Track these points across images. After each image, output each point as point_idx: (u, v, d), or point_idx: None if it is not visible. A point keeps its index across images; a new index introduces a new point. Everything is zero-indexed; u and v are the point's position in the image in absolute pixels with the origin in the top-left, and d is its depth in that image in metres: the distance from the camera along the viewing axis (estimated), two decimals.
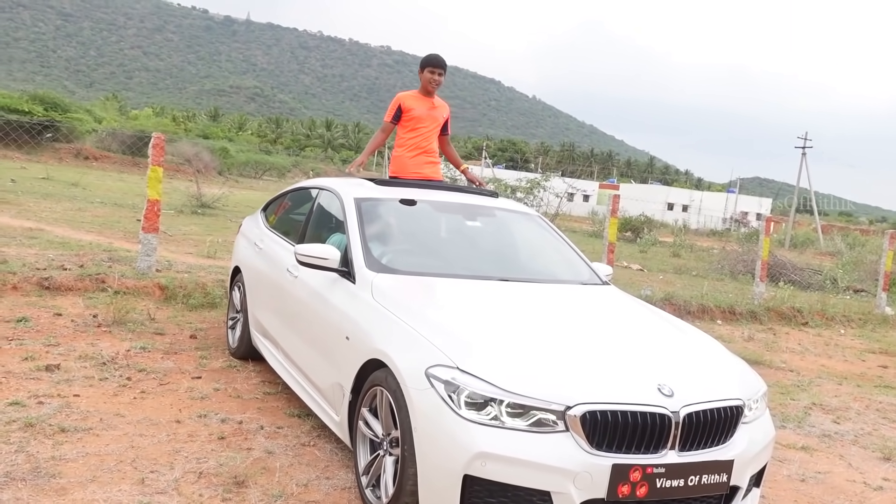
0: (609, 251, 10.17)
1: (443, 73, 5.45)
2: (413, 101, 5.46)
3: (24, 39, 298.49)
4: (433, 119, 5.47)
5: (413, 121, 5.39)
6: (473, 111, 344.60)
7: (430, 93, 5.47)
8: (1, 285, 6.72)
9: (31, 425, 3.75)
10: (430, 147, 5.43)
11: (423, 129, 5.39)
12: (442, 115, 5.56)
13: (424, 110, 5.44)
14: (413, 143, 5.39)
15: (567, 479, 2.74)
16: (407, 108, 5.40)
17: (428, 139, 5.42)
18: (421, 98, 5.48)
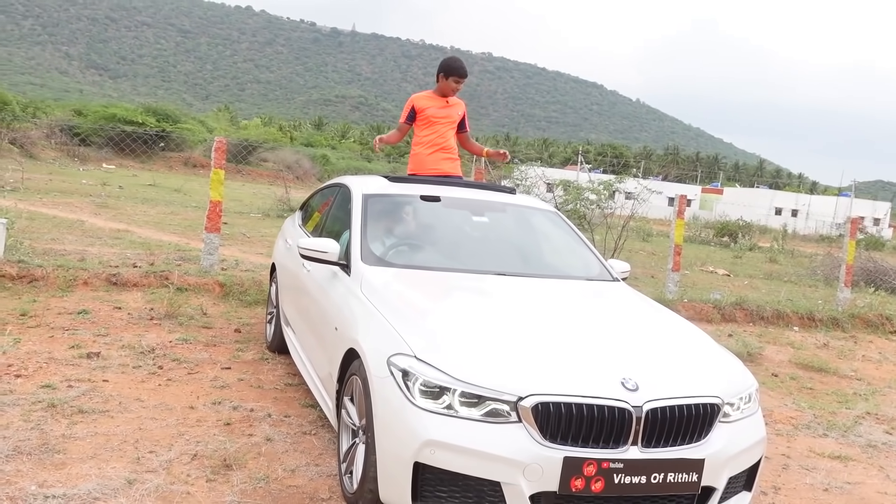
0: (675, 253, 9.89)
1: (464, 81, 5.47)
2: (426, 100, 5.51)
3: (148, 56, 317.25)
4: (448, 116, 5.50)
5: (427, 119, 5.43)
6: (575, 116, 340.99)
7: (445, 95, 5.51)
8: (73, 281, 7.18)
9: (53, 406, 4.02)
10: (447, 144, 5.46)
11: (438, 127, 5.42)
12: (457, 112, 5.57)
13: (437, 108, 5.47)
14: (429, 140, 5.44)
15: (517, 471, 2.71)
16: (420, 108, 5.46)
17: (444, 136, 5.45)
18: (434, 97, 5.51)
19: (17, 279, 7.00)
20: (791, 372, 6.98)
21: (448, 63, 5.48)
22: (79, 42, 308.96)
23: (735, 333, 8.53)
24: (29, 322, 5.82)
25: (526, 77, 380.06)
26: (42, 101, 57.53)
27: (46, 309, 6.27)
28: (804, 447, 4.77)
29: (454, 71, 5.40)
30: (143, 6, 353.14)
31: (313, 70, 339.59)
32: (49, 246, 9.29)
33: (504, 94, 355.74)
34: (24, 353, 4.95)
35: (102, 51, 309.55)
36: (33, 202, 14.96)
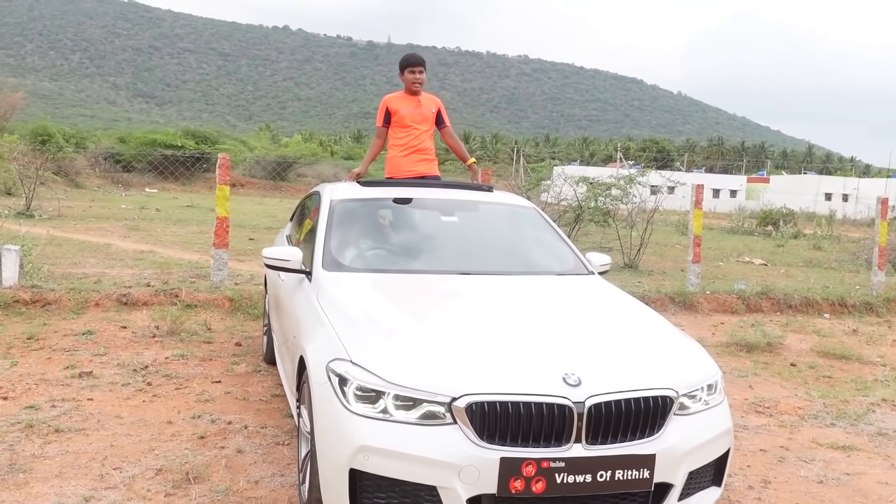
0: (695, 245, 9.64)
1: (423, 69, 5.43)
2: (398, 101, 5.48)
3: (191, 80, 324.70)
4: (422, 116, 5.46)
5: (401, 121, 5.41)
6: (616, 113, 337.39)
7: (414, 92, 5.47)
8: (84, 303, 7.30)
9: (30, 426, 4.06)
10: (422, 145, 5.41)
11: (412, 129, 5.38)
12: (430, 110, 5.52)
13: (411, 109, 5.45)
14: (404, 142, 5.39)
15: (452, 474, 2.62)
16: (394, 109, 5.44)
17: (419, 138, 5.40)
18: (406, 98, 5.49)
19: (30, 304, 7.15)
20: (811, 361, 6.71)
21: (403, 58, 5.49)
22: (125, 72, 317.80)
23: (759, 323, 8.25)
24: (33, 345, 5.91)
25: (564, 77, 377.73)
26: (88, 130, 59.27)
27: (54, 331, 6.38)
28: (807, 438, 4.55)
29: (406, 61, 5.43)
30: (185, 33, 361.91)
31: (352, 84, 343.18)
32: (69, 270, 9.48)
33: (542, 96, 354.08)
34: (17, 375, 5.02)
35: (148, 79, 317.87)
36: (67, 228, 15.34)
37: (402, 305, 3.55)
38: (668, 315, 8.61)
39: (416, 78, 5.42)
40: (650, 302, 8.86)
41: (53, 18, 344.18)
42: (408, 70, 5.42)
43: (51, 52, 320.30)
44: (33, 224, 16.01)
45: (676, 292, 9.13)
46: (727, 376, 5.99)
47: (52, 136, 37.75)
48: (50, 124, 39.63)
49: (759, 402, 5.23)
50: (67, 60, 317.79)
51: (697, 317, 8.68)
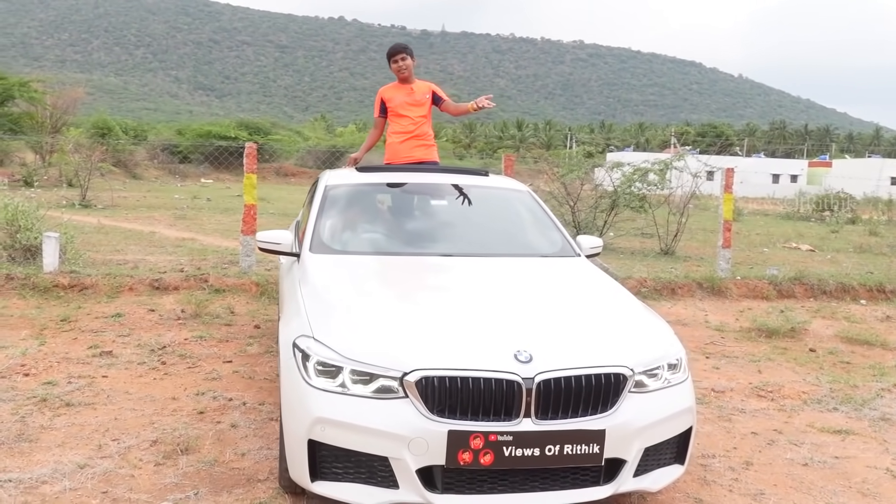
0: (725, 230, 9.50)
1: (406, 56, 5.52)
2: (391, 91, 5.63)
3: (249, 73, 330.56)
4: (416, 103, 5.56)
5: (396, 107, 5.55)
6: (673, 97, 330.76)
7: (405, 80, 5.58)
8: (119, 288, 7.62)
9: (44, 400, 4.31)
10: (419, 131, 5.51)
11: (408, 115, 5.49)
12: (425, 95, 5.61)
13: (403, 97, 5.58)
14: (401, 129, 5.51)
15: (402, 445, 2.72)
16: (387, 99, 5.60)
17: (416, 123, 5.49)
18: (398, 87, 5.63)
19: (68, 288, 7.50)
20: (832, 346, 6.59)
21: (387, 50, 5.60)
22: (186, 66, 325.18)
23: (788, 309, 8.13)
24: (65, 327, 6.22)
25: (620, 62, 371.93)
26: (148, 123, 61.12)
27: (87, 314, 6.69)
28: (804, 422, 4.51)
29: (388, 53, 5.63)
30: (243, 26, 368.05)
31: None
32: (111, 256, 9.89)
33: (598, 81, 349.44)
34: (43, 353, 5.32)
35: (208, 72, 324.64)
36: (117, 218, 15.93)
37: (373, 285, 3.67)
38: (694, 301, 8.55)
39: (399, 66, 5.53)
40: (677, 288, 8.81)
41: (118, 15, 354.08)
42: (391, 61, 5.57)
43: (116, 48, 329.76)
44: (87, 214, 16.68)
45: (705, 278, 9.02)
46: (738, 361, 5.96)
47: (112, 129, 39.09)
48: (109, 118, 41.05)
49: (762, 387, 5.18)
50: (132, 56, 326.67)
51: (725, 302, 8.57)
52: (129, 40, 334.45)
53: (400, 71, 5.54)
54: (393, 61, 5.54)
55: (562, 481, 2.85)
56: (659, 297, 8.60)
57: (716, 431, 4.29)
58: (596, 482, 2.87)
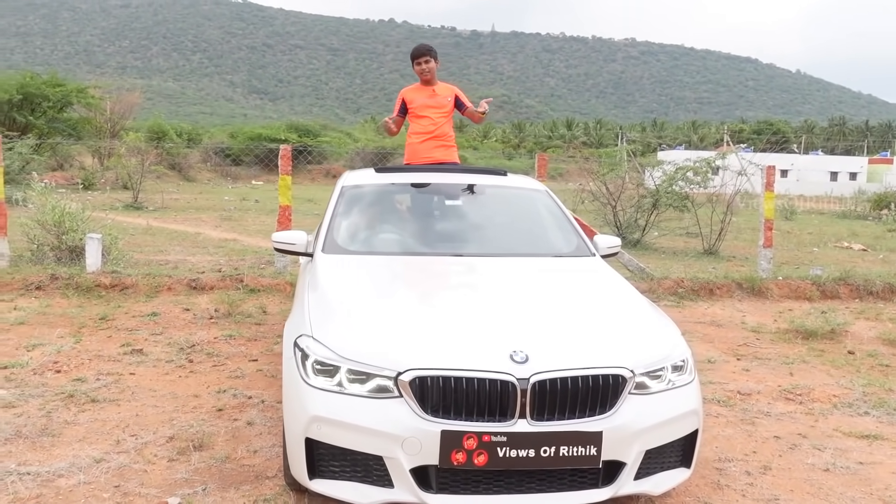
0: (766, 229, 9.28)
1: (429, 59, 5.53)
2: (413, 93, 5.66)
3: (302, 76, 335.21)
4: (438, 104, 5.59)
5: (417, 109, 5.61)
6: (728, 94, 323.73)
7: (427, 82, 5.61)
8: (158, 288, 7.82)
9: (71, 396, 4.45)
10: (439, 132, 5.53)
11: (428, 116, 5.52)
12: (447, 97, 5.64)
13: (425, 98, 5.63)
14: (420, 129, 5.55)
15: (396, 445, 2.73)
16: (409, 100, 5.63)
17: (436, 123, 5.51)
18: (421, 89, 5.66)
19: (109, 288, 7.72)
20: (873, 349, 6.38)
21: (410, 53, 5.61)
22: (241, 70, 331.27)
23: (831, 310, 7.88)
24: (102, 325, 6.41)
25: (673, 59, 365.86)
26: (203, 127, 62.48)
27: (125, 313, 6.88)
28: (830, 426, 4.37)
29: (412, 55, 5.65)
30: (296, 30, 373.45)
31: (456, 74, 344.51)
32: (154, 257, 10.14)
33: (650, 79, 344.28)
34: (76, 351, 5.48)
35: (262, 76, 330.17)
36: (166, 219, 16.32)
37: (378, 286, 3.68)
38: (733, 301, 8.37)
39: (422, 69, 5.56)
40: (715, 288, 8.64)
41: (175, 21, 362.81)
42: (415, 63, 5.60)
43: (174, 54, 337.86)
44: (138, 215, 17.14)
45: (744, 278, 8.82)
46: (770, 363, 5.81)
47: (166, 132, 40.05)
48: (164, 122, 42.06)
49: (791, 390, 5.04)
50: (189, 61, 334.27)
51: (765, 304, 8.37)
52: (186, 46, 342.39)
53: (423, 73, 5.57)
54: (416, 63, 5.57)
55: (559, 483, 2.82)
56: (696, 297, 8.44)
57: (737, 435, 4.19)
58: (594, 484, 2.83)
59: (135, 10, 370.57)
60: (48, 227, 8.80)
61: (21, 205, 9.23)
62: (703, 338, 6.60)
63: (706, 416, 4.46)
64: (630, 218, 13.54)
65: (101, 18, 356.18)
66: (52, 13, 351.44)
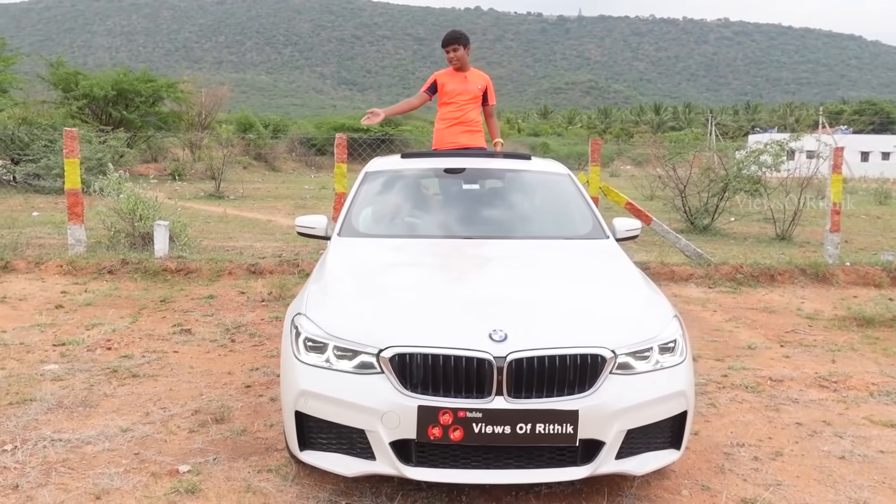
0: (833, 213, 8.90)
1: (458, 47, 5.55)
2: (445, 77, 5.70)
3: (389, 66, 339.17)
4: (467, 91, 5.64)
5: (446, 95, 5.66)
6: (829, 74, 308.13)
7: (459, 69, 5.65)
8: (220, 272, 8.18)
9: (114, 371, 4.75)
10: (465, 117, 5.56)
11: (456, 101, 5.56)
12: (477, 86, 5.67)
13: (456, 84, 5.67)
14: (448, 114, 5.59)
15: (376, 419, 2.82)
16: (440, 83, 5.67)
17: (462, 109, 5.55)
18: (453, 74, 5.69)
19: (175, 272, 8.13)
20: None
21: (441, 40, 5.65)
22: (330, 62, 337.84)
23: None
24: (161, 307, 6.77)
25: (769, 39, 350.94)
26: (290, 118, 64.26)
27: (185, 295, 7.24)
28: (860, 415, 4.21)
29: (442, 43, 5.60)
30: (383, 21, 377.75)
31: (542, 60, 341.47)
32: (222, 243, 10.59)
33: (745, 60, 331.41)
34: (130, 330, 5.83)
35: (350, 67, 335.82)
36: (243, 208, 16.95)
37: (377, 267, 3.78)
38: (795, 288, 8.10)
39: (451, 57, 5.61)
40: (776, 274, 8.37)
41: (268, 16, 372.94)
42: (445, 50, 5.64)
43: (266, 48, 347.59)
44: (217, 204, 17.86)
45: (809, 264, 8.50)
46: (814, 350, 5.62)
47: (253, 124, 41.41)
48: (251, 114, 43.52)
49: (828, 377, 4.87)
50: (280, 54, 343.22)
51: (829, 290, 8.05)
52: (278, 40, 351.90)
53: (452, 61, 5.62)
54: (445, 52, 5.64)
55: (538, 460, 2.85)
56: (756, 283, 8.20)
57: (756, 421, 4.10)
58: (573, 462, 2.85)
59: (230, 7, 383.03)
60: (123, 215, 9.33)
61: (99, 194, 9.77)
62: (751, 324, 6.42)
63: (729, 401, 4.40)
64: (700, 203, 13.20)
65: (198, 16, 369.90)
66: (154, 12, 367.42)
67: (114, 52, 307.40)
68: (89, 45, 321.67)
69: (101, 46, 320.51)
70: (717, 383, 4.72)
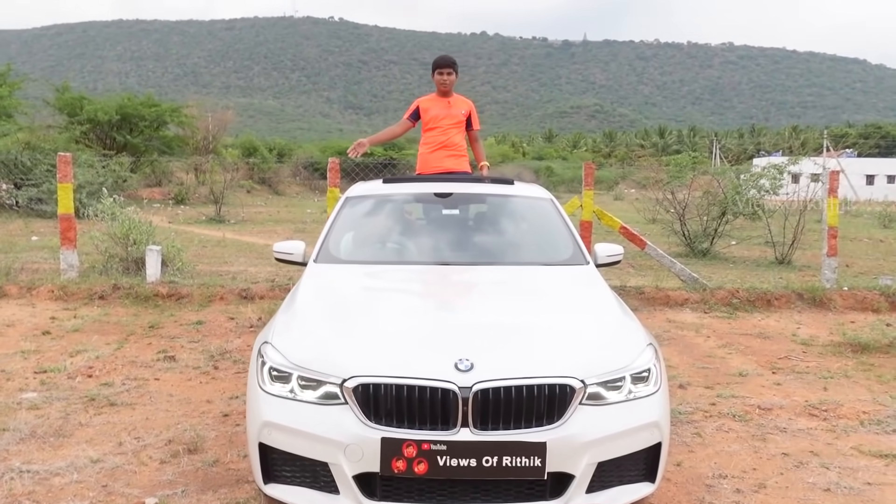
0: (830, 237, 8.82)
1: (451, 71, 5.55)
2: (429, 103, 5.69)
3: (395, 91, 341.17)
4: (451, 116, 5.64)
5: (431, 120, 5.64)
6: (834, 97, 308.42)
7: (445, 93, 5.63)
8: (211, 297, 8.14)
9: (92, 399, 4.68)
10: (449, 142, 5.54)
11: (440, 126, 5.54)
12: (461, 111, 5.67)
13: (440, 110, 5.68)
14: (431, 139, 5.57)
15: (339, 451, 2.75)
16: (424, 109, 5.67)
17: (446, 133, 5.54)
18: (437, 99, 5.68)
19: (166, 297, 8.08)
20: None
21: (434, 61, 5.63)
22: (337, 87, 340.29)
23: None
24: (149, 332, 6.71)
25: (773, 63, 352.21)
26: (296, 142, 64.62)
27: (174, 321, 7.19)
28: (849, 444, 4.11)
29: (435, 64, 5.62)
30: (389, 46, 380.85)
31: (548, 84, 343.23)
32: (216, 268, 10.55)
33: (749, 84, 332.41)
34: (114, 357, 5.77)
35: (357, 91, 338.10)
36: (242, 232, 16.95)
37: (346, 294, 3.72)
38: (792, 313, 8.01)
39: (443, 80, 5.59)
40: (773, 299, 8.28)
41: (276, 42, 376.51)
42: (436, 72, 5.62)
43: (274, 73, 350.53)
44: (217, 228, 17.86)
45: (806, 289, 8.41)
46: (807, 377, 5.52)
47: (257, 149, 41.61)
48: (255, 138, 43.75)
49: (818, 405, 4.77)
50: (288, 79, 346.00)
51: (827, 315, 7.95)
52: (285, 65, 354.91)
53: (442, 84, 5.61)
54: (438, 73, 5.62)
55: (505, 494, 2.77)
56: (752, 308, 8.11)
57: (742, 451, 4.00)
58: (542, 496, 2.77)
59: (238, 32, 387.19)
60: (116, 240, 9.31)
61: (92, 218, 9.77)
62: (744, 350, 6.33)
63: (714, 430, 4.31)
64: (699, 227, 13.13)
65: (207, 41, 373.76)
66: (164, 38, 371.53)
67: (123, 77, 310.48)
68: (99, 71, 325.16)
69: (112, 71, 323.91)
70: (704, 412, 4.63)
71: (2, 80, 26.29)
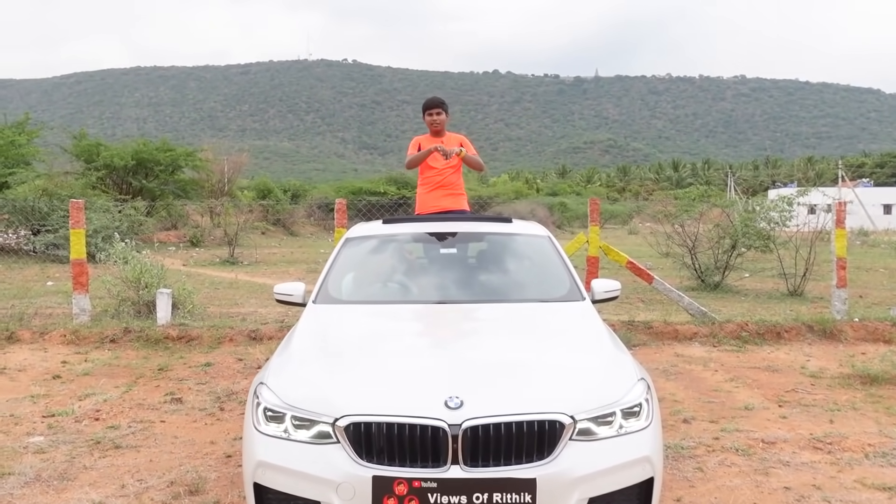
0: (839, 268, 8.78)
1: (441, 111, 5.65)
2: (426, 143, 5.79)
3: (409, 130, 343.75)
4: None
5: (425, 161, 5.67)
6: (849, 127, 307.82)
7: (437, 133, 5.72)
8: (220, 339, 8.21)
9: (98, 442, 4.74)
10: (446, 181, 5.62)
11: (435, 167, 5.64)
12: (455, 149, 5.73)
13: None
14: (428, 179, 5.66)
15: (331, 490, 2.78)
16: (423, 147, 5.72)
17: (442, 174, 5.62)
18: (430, 139, 5.79)
19: (176, 340, 8.16)
20: None
21: (423, 104, 5.74)
22: (351, 127, 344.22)
23: None
24: (159, 375, 6.78)
25: (787, 94, 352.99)
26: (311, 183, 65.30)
27: (184, 363, 7.25)
28: (853, 478, 4.07)
29: (424, 106, 5.72)
30: (402, 86, 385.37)
31: (560, 121, 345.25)
32: (227, 309, 10.64)
33: (763, 116, 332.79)
34: (121, 399, 5.83)
35: (371, 132, 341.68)
36: (255, 273, 17.08)
37: (341, 334, 3.77)
38: (802, 345, 7.95)
39: (433, 120, 5.71)
40: (783, 332, 8.23)
41: (290, 84, 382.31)
42: (426, 114, 5.75)
43: (289, 115, 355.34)
44: (230, 270, 18.01)
45: (816, 320, 8.36)
46: (813, 410, 5.47)
47: (271, 190, 42.06)
48: (269, 180, 44.26)
49: (823, 438, 4.73)
50: (302, 121, 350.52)
51: (837, 347, 7.88)
52: (300, 107, 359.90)
53: (433, 124, 5.73)
54: (428, 114, 5.75)
55: None
56: (761, 341, 8.06)
57: (743, 486, 3.97)
58: None
59: (254, 77, 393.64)
60: (128, 283, 9.44)
61: (106, 262, 9.92)
62: (752, 384, 6.29)
63: (717, 465, 4.28)
64: (710, 260, 13.10)
65: (223, 86, 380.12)
66: (181, 83, 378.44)
67: (141, 122, 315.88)
68: (118, 117, 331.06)
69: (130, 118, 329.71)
70: (707, 446, 4.61)
71: (20, 129, 26.86)
